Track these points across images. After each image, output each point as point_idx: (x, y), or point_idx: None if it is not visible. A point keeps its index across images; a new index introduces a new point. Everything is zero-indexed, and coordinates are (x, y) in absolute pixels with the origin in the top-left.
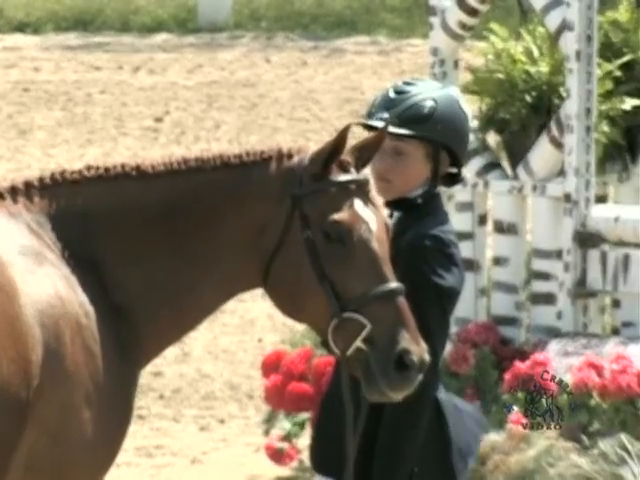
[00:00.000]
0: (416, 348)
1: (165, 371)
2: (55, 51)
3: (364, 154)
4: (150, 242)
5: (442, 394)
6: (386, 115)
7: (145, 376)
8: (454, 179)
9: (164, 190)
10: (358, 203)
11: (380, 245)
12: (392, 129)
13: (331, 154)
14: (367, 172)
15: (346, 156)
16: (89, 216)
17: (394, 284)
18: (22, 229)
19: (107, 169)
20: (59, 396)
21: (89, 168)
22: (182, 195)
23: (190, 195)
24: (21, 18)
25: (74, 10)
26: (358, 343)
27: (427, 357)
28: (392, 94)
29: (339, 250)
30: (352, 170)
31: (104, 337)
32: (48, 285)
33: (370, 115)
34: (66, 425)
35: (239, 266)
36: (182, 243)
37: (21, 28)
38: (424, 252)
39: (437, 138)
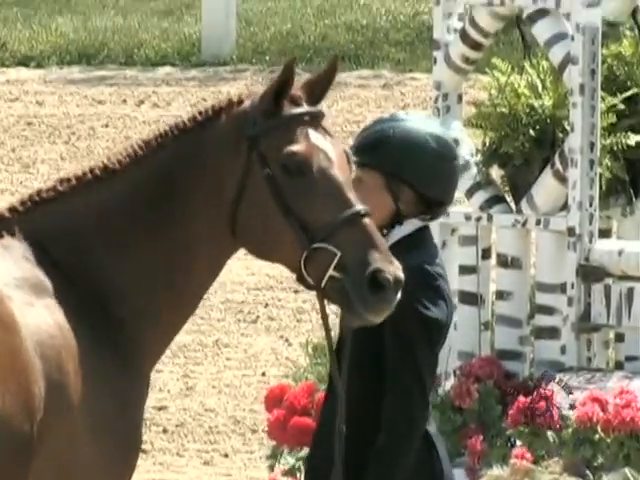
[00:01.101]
0: (389, 266)
1: (169, 405)
2: (58, 85)
3: (316, 89)
4: (139, 241)
5: (432, 428)
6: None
7: (149, 410)
8: (435, 212)
9: (136, 181)
10: (313, 133)
11: (341, 172)
12: (352, 156)
13: (280, 89)
14: (320, 106)
15: (297, 91)
16: (77, 230)
17: (358, 207)
18: (18, 261)
19: (78, 178)
20: (65, 427)
21: (62, 181)
22: (153, 180)
23: (158, 177)
24: (25, 52)
25: (78, 44)
26: (331, 272)
27: (401, 275)
28: (373, 122)
29: (300, 182)
30: (304, 104)
31: (108, 361)
32: (47, 316)
33: None
34: (74, 456)
35: (220, 226)
36: (169, 229)
37: (25, 62)
38: (412, 286)
39: (382, 168)
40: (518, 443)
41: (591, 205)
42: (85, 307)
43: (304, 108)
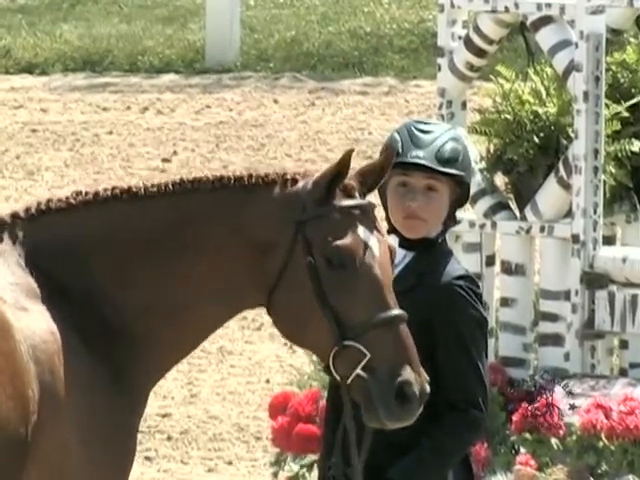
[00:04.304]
0: (417, 379)
1: (173, 412)
2: (63, 92)
3: (369, 179)
4: (144, 264)
5: None
6: (422, 153)
7: (153, 417)
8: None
9: (156, 211)
10: (361, 229)
11: (383, 271)
12: (435, 166)
13: (334, 178)
14: (370, 198)
15: (350, 181)
16: (79, 244)
17: (396, 311)
18: (12, 267)
19: (96, 194)
20: (58, 432)
21: (77, 194)
22: (173, 216)
23: (182, 215)
24: (29, 59)
25: (82, 51)
26: (358, 371)
27: (427, 388)
28: (419, 133)
29: (341, 276)
30: (356, 195)
31: (101, 369)
32: (41, 321)
33: (399, 154)
34: (67, 461)
35: (240, 285)
36: (174, 263)
37: (29, 69)
38: (464, 290)
39: (466, 178)
40: (522, 450)
41: (595, 212)
42: (77, 316)
43: (355, 200)
